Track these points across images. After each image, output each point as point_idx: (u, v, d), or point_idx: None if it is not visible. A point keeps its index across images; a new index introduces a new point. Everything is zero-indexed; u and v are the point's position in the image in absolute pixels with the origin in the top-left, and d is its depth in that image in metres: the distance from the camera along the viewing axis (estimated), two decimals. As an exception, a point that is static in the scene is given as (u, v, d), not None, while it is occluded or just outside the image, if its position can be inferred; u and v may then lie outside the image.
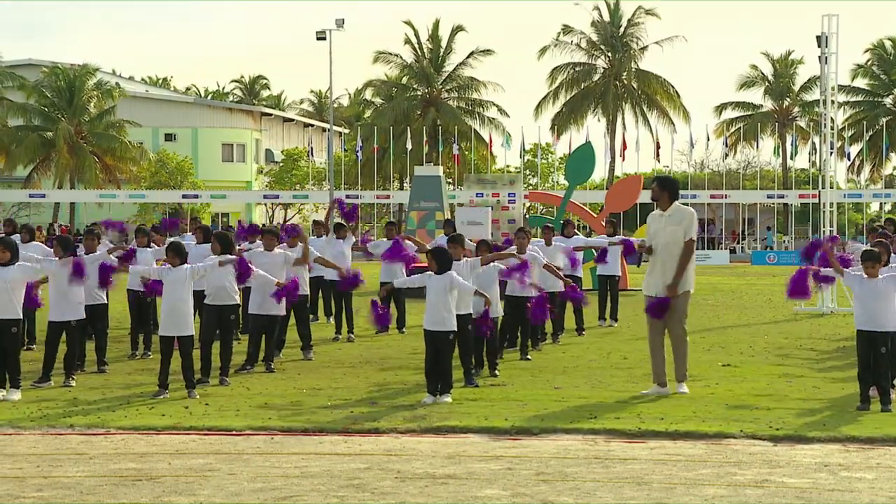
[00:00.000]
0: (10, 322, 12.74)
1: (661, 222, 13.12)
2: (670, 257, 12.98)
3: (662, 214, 13.15)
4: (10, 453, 9.84)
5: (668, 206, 13.13)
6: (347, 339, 18.73)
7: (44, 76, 67.24)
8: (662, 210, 13.17)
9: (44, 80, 66.89)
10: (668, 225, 13.07)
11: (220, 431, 10.75)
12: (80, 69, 67.11)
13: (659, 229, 13.10)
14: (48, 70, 67.71)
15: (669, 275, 12.94)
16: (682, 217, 13.10)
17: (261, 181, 78.89)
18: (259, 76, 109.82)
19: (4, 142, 64.60)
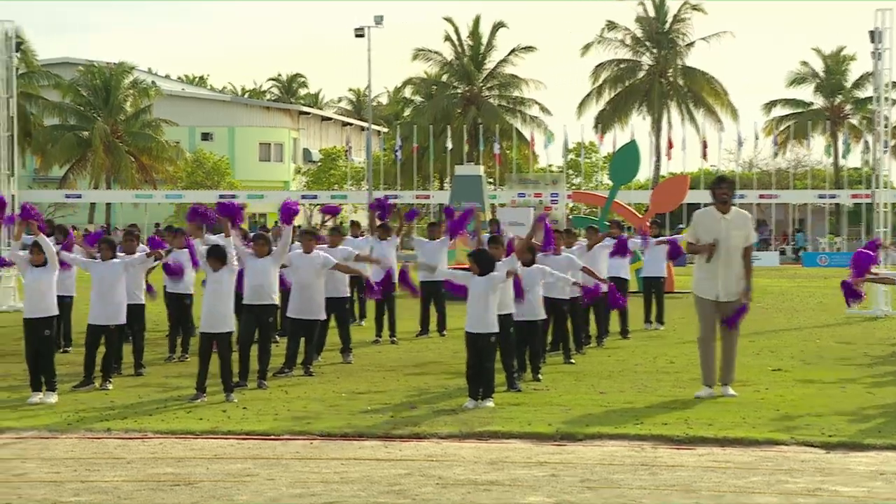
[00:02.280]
0: (44, 322, 12.87)
1: (722, 225, 13.01)
2: (735, 261, 12.94)
3: (724, 217, 13.03)
4: (47, 457, 9.93)
5: (729, 208, 13.06)
6: (389, 341, 18.74)
7: (79, 75, 67.85)
8: (723, 212, 13.05)
9: (79, 79, 67.50)
10: (732, 229, 12.99)
11: (259, 436, 10.80)
12: (116, 67, 67.68)
13: (720, 231, 12.99)
14: (84, 68, 68.32)
15: (734, 279, 12.93)
16: (745, 221, 13.14)
17: (298, 181, 79.21)
18: (297, 74, 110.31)
19: (40, 141, 65.20)
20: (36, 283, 12.94)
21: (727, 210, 13.05)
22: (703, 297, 13.07)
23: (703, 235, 13.09)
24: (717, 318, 13.05)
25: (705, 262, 13.00)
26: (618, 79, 71.57)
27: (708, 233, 13.05)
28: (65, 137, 65.86)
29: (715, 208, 13.12)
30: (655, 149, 69.07)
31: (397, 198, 64.35)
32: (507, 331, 13.23)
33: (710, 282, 13.01)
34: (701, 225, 13.19)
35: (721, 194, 13.06)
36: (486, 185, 36.60)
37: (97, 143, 64.77)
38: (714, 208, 13.13)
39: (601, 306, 18.16)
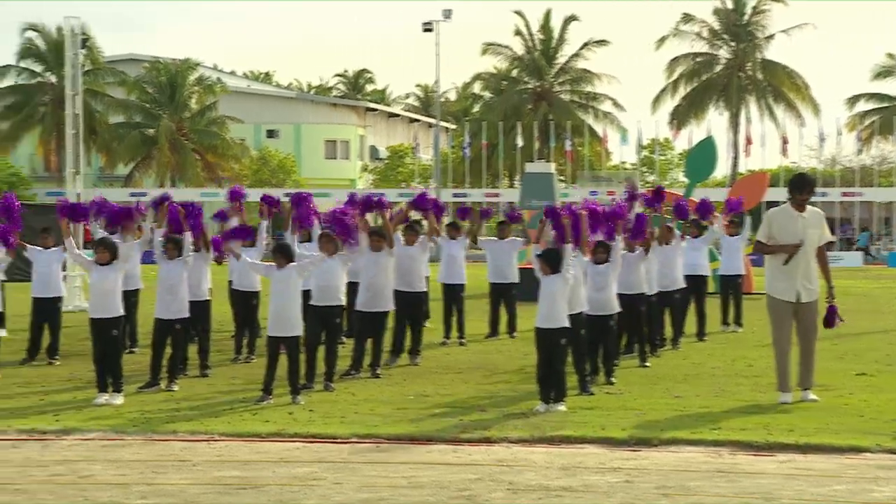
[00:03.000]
0: (110, 322, 13.04)
1: (799, 224, 12.87)
2: (812, 261, 12.83)
3: (800, 215, 12.89)
4: (113, 459, 10.07)
5: (805, 207, 12.94)
6: (458, 343, 18.75)
7: (145, 72, 68.68)
8: (799, 211, 12.91)
9: (145, 76, 68.33)
10: (808, 227, 12.86)
11: (326, 439, 10.86)
12: (181, 64, 68.43)
13: (797, 231, 12.84)
14: (149, 65, 69.14)
15: (813, 279, 12.83)
16: (820, 219, 13.03)
17: (365, 179, 79.54)
18: (363, 70, 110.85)
19: (106, 139, 66.09)
20: (102, 282, 13.11)
21: (803, 208, 12.91)
22: (780, 298, 12.93)
23: (779, 235, 12.94)
24: (794, 321, 12.90)
25: (783, 264, 12.86)
26: (694, 73, 70.96)
27: (784, 232, 12.91)
28: (130, 135, 66.70)
29: (790, 206, 12.98)
30: (733, 145, 68.41)
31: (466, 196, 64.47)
32: (578, 332, 13.19)
33: (787, 283, 12.86)
34: (776, 224, 13.03)
35: (802, 200, 12.91)
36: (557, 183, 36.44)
37: (162, 140, 65.51)
38: (789, 206, 12.99)
39: (677, 307, 18.04)
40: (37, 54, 66.44)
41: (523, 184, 36.50)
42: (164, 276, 14.09)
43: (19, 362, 16.33)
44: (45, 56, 65.98)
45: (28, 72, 67.08)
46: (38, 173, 70.72)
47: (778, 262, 12.92)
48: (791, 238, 12.82)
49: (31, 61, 66.87)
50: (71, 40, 27.22)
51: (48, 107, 65.14)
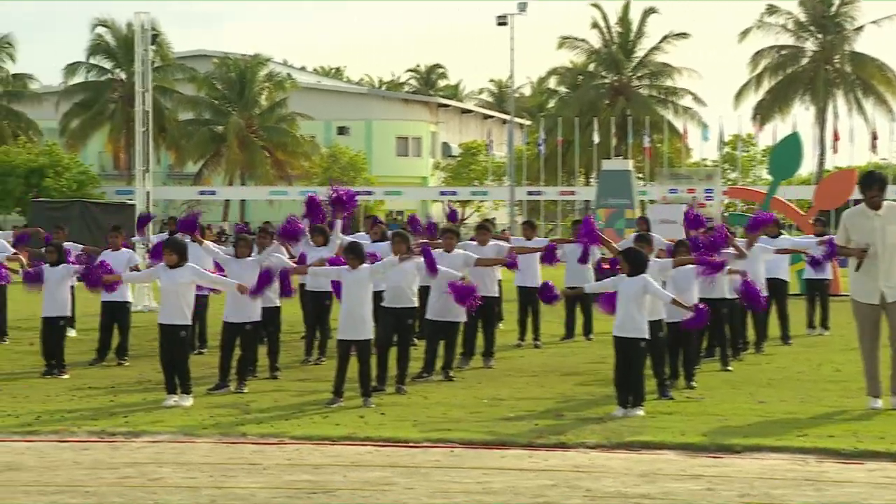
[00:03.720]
0: (178, 327, 13.18)
1: (876, 223, 12.68)
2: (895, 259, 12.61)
3: (876, 214, 12.71)
4: (183, 461, 10.19)
5: (880, 204, 12.73)
6: (533, 345, 18.72)
7: (214, 68, 69.40)
8: (874, 209, 12.72)
9: (214, 72, 69.05)
10: (887, 224, 12.66)
11: (398, 443, 10.89)
12: (251, 60, 69.07)
13: (874, 230, 12.66)
14: (219, 61, 69.87)
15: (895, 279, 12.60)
16: None
17: (437, 177, 79.69)
18: (436, 65, 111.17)
19: (175, 136, 66.87)
20: (171, 285, 13.25)
21: (879, 206, 12.71)
22: (864, 301, 12.74)
23: (856, 237, 12.76)
24: (882, 323, 12.70)
25: (854, 270, 12.69)
26: (779, 66, 70.18)
27: (860, 233, 12.71)
28: (199, 132, 67.42)
29: (866, 205, 12.79)
30: (819, 141, 67.55)
31: (540, 194, 64.37)
32: (657, 335, 13.11)
33: (871, 284, 12.67)
34: (851, 226, 12.84)
35: (872, 197, 12.72)
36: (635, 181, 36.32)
37: (231, 138, 66.15)
38: (865, 206, 12.80)
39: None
40: (106, 50, 67.45)
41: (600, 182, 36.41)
42: (234, 276, 14.21)
43: (88, 363, 16.58)
44: (114, 52, 66.97)
45: (98, 68, 68.11)
46: (107, 171, 71.76)
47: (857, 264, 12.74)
48: (867, 238, 12.63)
49: (101, 58, 67.91)
50: (141, 36, 27.59)
51: (117, 104, 66.08)
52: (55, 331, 15.53)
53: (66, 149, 64.45)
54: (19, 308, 21.40)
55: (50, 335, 15.54)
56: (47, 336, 15.58)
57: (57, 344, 15.55)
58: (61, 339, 15.70)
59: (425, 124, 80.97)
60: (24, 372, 15.85)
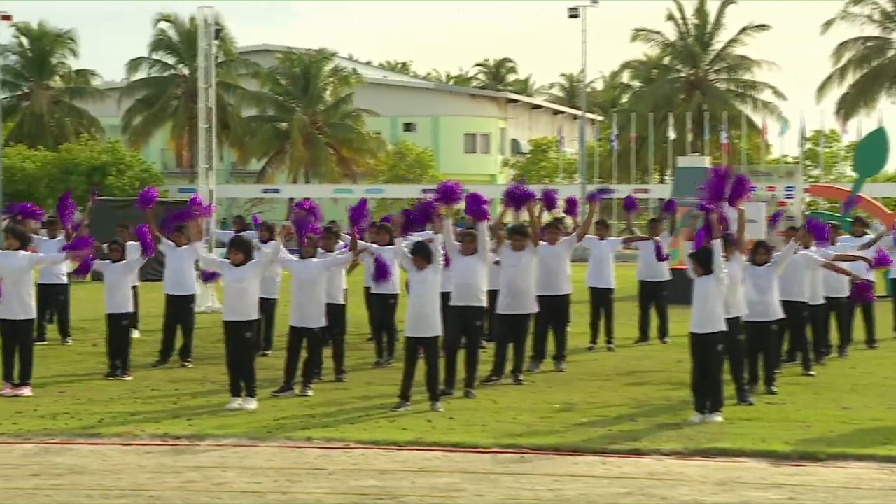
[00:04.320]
0: (243, 325, 13.29)
1: None
2: None
3: None
4: (247, 466, 10.28)
5: None
6: (606, 348, 18.65)
7: (278, 63, 69.82)
8: None
9: (278, 67, 69.45)
10: None
11: (466, 448, 10.91)
12: (315, 55, 69.39)
13: None
14: (283, 56, 70.26)
15: None
16: None
17: (506, 174, 79.63)
18: (505, 59, 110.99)
19: (238, 133, 67.35)
20: (236, 283, 13.37)
21: None
22: None
23: None
24: None
25: None
26: (864, 59, 69.22)
27: None
28: (263, 129, 67.83)
29: None
30: (906, 136, 66.59)
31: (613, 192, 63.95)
32: (735, 337, 13.01)
33: None
34: None
35: None
36: (712, 178, 35.98)
37: (296, 134, 66.51)
38: None
39: (843, 312, 17.68)
40: (169, 46, 68.12)
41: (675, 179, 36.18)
42: (298, 278, 14.30)
43: (151, 364, 16.76)
44: (177, 47, 67.63)
45: (160, 64, 68.81)
46: (169, 169, 72.50)
47: None
48: None
49: (164, 53, 68.59)
50: (204, 31, 27.80)
51: (180, 100, 66.73)
52: (120, 329, 15.71)
53: (128, 146, 65.19)
54: (83, 308, 21.72)
55: (115, 333, 15.72)
56: (113, 334, 15.76)
57: (122, 343, 15.73)
58: (126, 338, 15.87)
59: (494, 120, 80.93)
60: (87, 373, 16.06)
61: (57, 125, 68.13)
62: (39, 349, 16.32)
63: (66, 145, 62.39)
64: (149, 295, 20.71)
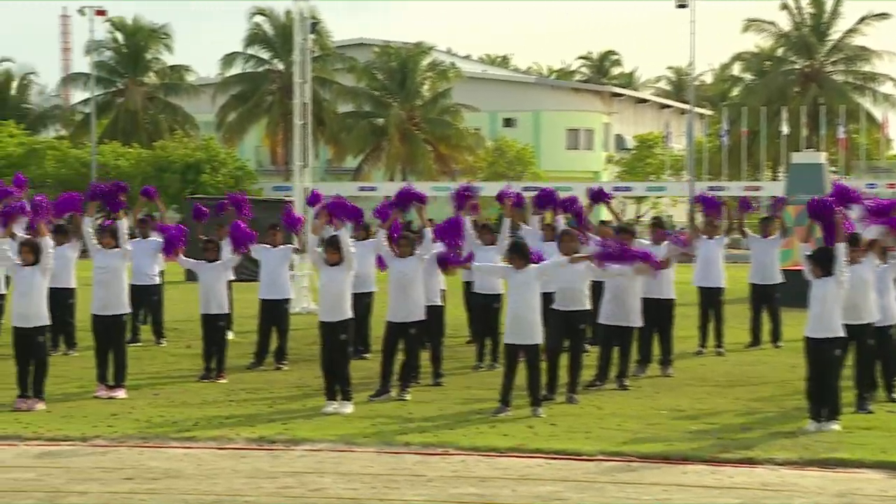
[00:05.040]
0: (339, 326, 13.37)
1: None
2: None
3: None
4: (344, 472, 10.35)
5: None
6: (715, 352, 18.47)
7: (375, 57, 70.21)
8: None
9: (375, 62, 69.83)
10: None
11: (570, 455, 10.88)
12: (413, 48, 69.68)
13: None
14: (380, 50, 70.65)
15: None
16: None
17: (610, 171, 79.25)
18: (609, 51, 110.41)
19: (334, 130, 67.87)
20: (331, 283, 13.46)
21: None
22: None
23: None
24: None
25: None
26: None
27: None
28: (359, 125, 68.25)
29: None
30: None
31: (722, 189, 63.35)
32: (867, 342, 12.86)
33: None
34: None
35: None
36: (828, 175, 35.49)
37: (392, 130, 66.82)
38: None
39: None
40: (264, 40, 68.88)
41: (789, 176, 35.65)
42: (395, 275, 14.36)
43: (246, 367, 16.95)
44: (272, 42, 68.35)
45: (255, 59, 69.60)
46: (264, 167, 73.29)
47: None
48: None
49: (259, 48, 69.36)
50: (300, 24, 28.03)
51: (275, 96, 67.41)
52: (215, 331, 15.89)
53: (222, 143, 66.04)
54: (176, 309, 22.02)
55: (210, 335, 15.89)
56: (208, 336, 15.94)
57: (218, 345, 15.91)
58: (223, 340, 16.06)
59: (598, 115, 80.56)
60: (181, 375, 16.29)
61: (151, 122, 69.23)
62: (133, 350, 16.60)
63: (160, 142, 63.40)
64: (243, 296, 20.92)
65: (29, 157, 62.15)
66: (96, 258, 14.65)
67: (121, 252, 14.62)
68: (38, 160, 62.27)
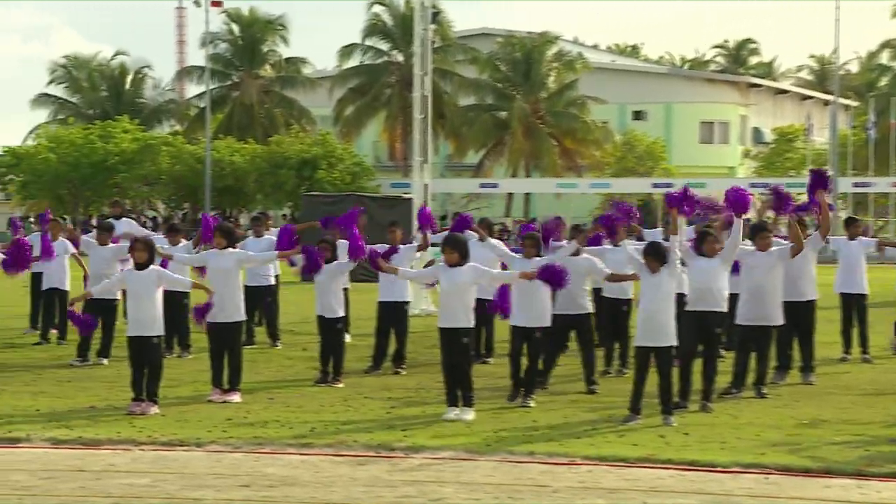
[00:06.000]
0: (460, 331, 13.39)
1: None
2: None
3: None
4: (465, 481, 10.37)
5: None
6: (861, 359, 18.17)
7: (498, 47, 70.30)
8: None
9: (498, 52, 69.94)
10: None
11: (703, 467, 10.78)
12: (538, 38, 69.65)
13: None
14: (503, 40, 70.75)
15: None
16: None
17: (747, 166, 78.34)
18: (747, 39, 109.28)
19: (455, 124, 68.15)
20: (451, 285, 13.48)
21: None
22: None
23: None
24: None
25: None
26: None
27: None
28: (481, 119, 68.43)
29: None
30: None
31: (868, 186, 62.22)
32: None
33: None
34: None
35: None
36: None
37: (516, 124, 66.86)
38: None
39: None
40: (383, 31, 69.44)
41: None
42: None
43: (364, 371, 17.07)
44: (392, 33, 68.88)
45: (374, 50, 70.19)
46: (381, 162, 73.80)
47: None
48: None
49: (378, 39, 69.96)
50: (420, 14, 28.17)
51: (394, 89, 67.93)
52: (332, 334, 16.00)
53: (339, 138, 66.66)
54: (292, 311, 22.27)
55: (327, 338, 16.02)
56: (325, 339, 16.05)
57: (335, 348, 16.04)
58: (340, 343, 16.18)
59: (733, 107, 79.71)
60: (297, 379, 16.46)
61: (267, 116, 70.20)
62: (248, 353, 16.80)
63: (276, 138, 64.23)
64: (361, 297, 21.09)
65: (143, 154, 63.47)
66: (209, 260, 14.87)
67: (234, 253, 14.79)
68: (153, 156, 63.57)
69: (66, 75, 77.90)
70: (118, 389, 14.87)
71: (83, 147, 62.79)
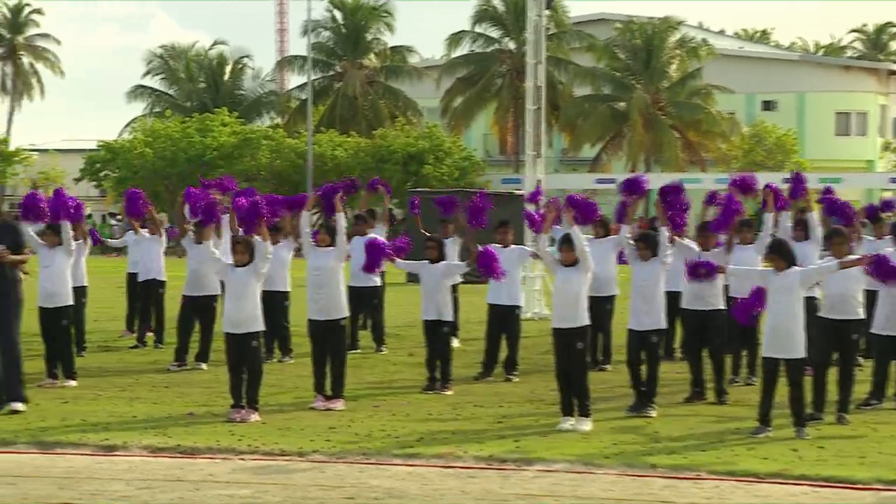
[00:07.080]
0: (575, 333, 13.32)
1: None
2: None
3: None
4: (582, 495, 10.34)
5: None
6: None
7: (616, 34, 69.96)
8: None
9: (616, 39, 69.58)
10: None
11: (840, 483, 10.67)
12: (659, 24, 69.18)
13: None
14: (622, 26, 70.39)
15: None
16: None
17: (887, 160, 77.16)
18: (887, 23, 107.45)
19: (569, 115, 67.96)
20: (566, 285, 13.44)
21: None
22: None
23: None
24: None
25: None
26: None
27: None
28: (597, 110, 68.15)
29: None
30: None
31: None
32: None
33: None
34: None
35: None
36: None
37: (635, 116, 66.47)
38: None
39: None
40: (494, 17, 69.45)
41: None
42: (636, 278, 14.31)
43: (473, 377, 17.10)
44: (503, 19, 68.87)
45: (484, 38, 70.24)
46: (492, 157, 73.80)
47: None
48: None
49: (488, 26, 69.98)
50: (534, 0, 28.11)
51: (505, 78, 67.93)
52: (438, 338, 16.01)
53: (447, 131, 66.79)
54: (398, 313, 22.36)
55: (433, 342, 16.04)
56: (432, 342, 16.07)
57: (442, 353, 16.07)
58: (447, 348, 16.21)
59: (873, 96, 78.50)
60: (403, 386, 16.53)
61: (371, 108, 70.50)
62: (352, 359, 16.90)
63: (380, 131, 64.51)
64: (470, 299, 21.12)
65: (242, 148, 64.16)
66: (310, 258, 14.97)
67: (337, 251, 14.85)
68: (252, 151, 64.23)
69: (162, 66, 78.80)
70: (217, 395, 15.05)
71: (180, 141, 63.61)
